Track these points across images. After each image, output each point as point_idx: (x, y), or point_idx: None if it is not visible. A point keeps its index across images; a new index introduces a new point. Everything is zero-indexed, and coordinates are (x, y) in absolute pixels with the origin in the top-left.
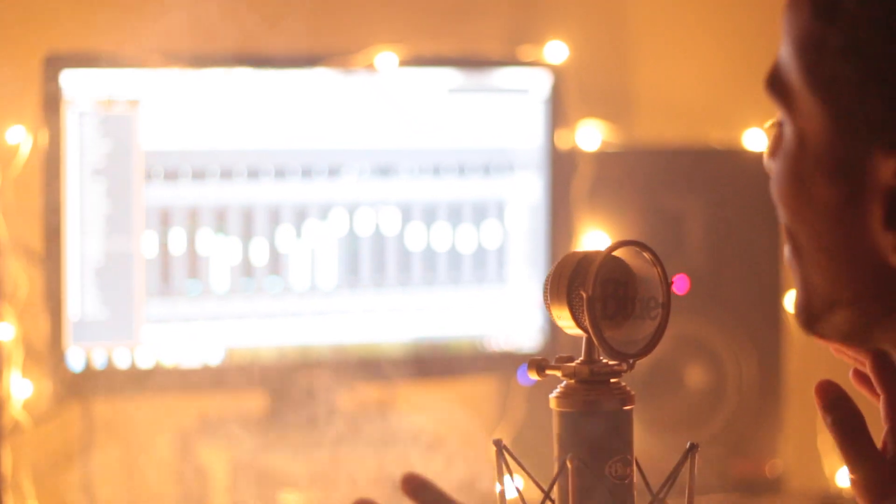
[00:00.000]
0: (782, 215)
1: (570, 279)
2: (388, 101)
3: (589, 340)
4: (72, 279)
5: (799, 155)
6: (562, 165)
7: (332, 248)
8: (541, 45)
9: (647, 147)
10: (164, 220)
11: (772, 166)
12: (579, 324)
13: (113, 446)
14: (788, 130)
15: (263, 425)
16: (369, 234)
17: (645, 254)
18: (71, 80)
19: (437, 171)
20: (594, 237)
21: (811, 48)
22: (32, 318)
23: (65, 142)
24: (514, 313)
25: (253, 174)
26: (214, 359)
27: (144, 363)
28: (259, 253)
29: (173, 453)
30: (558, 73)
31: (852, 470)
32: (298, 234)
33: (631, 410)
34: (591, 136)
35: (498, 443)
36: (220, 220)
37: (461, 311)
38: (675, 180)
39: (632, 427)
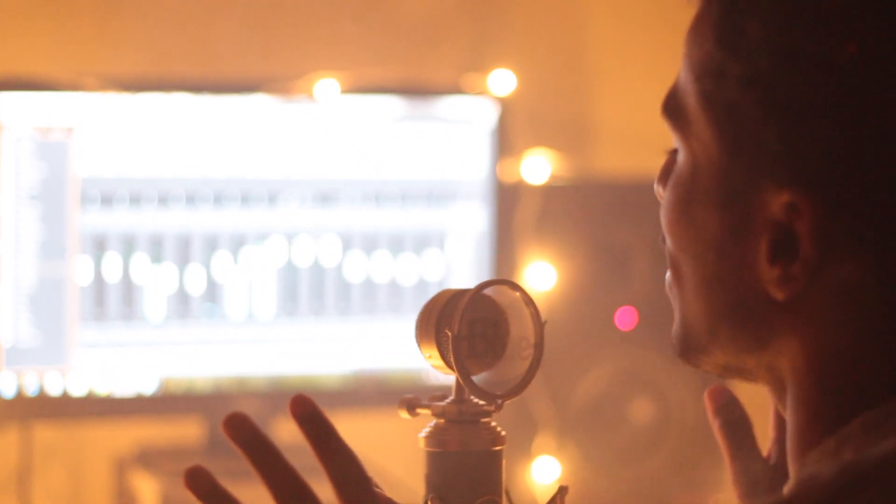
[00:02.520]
0: (668, 243)
1: (438, 318)
2: (330, 128)
3: (459, 380)
4: (4, 304)
5: (690, 183)
6: (507, 197)
7: (271, 277)
8: (489, 74)
9: (595, 179)
10: (100, 247)
11: (661, 192)
12: (447, 363)
13: (45, 473)
14: (681, 157)
15: (199, 455)
16: (308, 264)
17: (517, 293)
18: (6, 103)
19: (378, 200)
20: (539, 269)
21: (711, 75)
22: None
23: (0, 166)
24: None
25: (190, 201)
26: (150, 387)
27: (77, 390)
28: (195, 281)
29: (108, 481)
30: (506, 102)
31: (731, 467)
32: (236, 263)
33: (500, 451)
34: (538, 167)
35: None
36: (156, 248)
37: (401, 342)
38: (623, 213)
39: (501, 467)
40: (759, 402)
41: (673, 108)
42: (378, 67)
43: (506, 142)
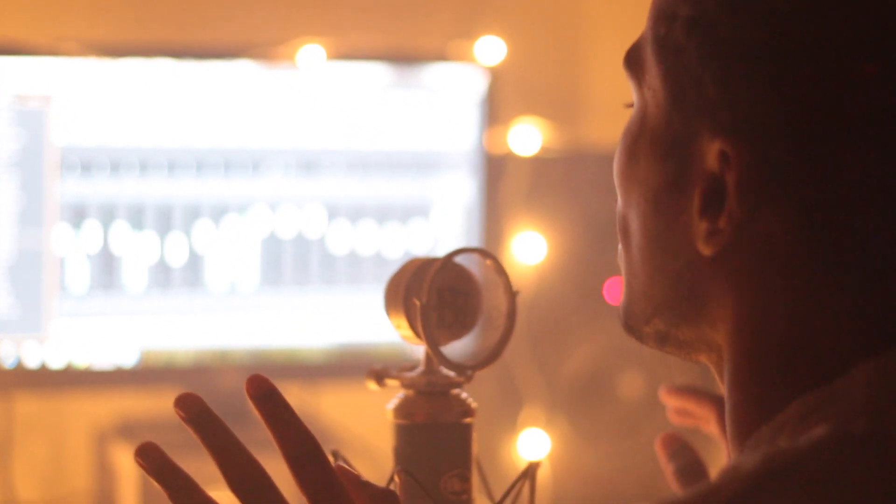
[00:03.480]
0: (619, 200)
1: (407, 286)
2: (315, 95)
3: (428, 350)
4: None
5: (638, 131)
6: (495, 168)
7: (254, 247)
8: (477, 41)
9: (586, 150)
10: (79, 216)
11: None
12: (416, 333)
13: (25, 445)
14: (634, 107)
15: (180, 428)
16: (292, 234)
17: (488, 262)
18: None
19: (364, 169)
20: (528, 241)
21: (665, 18)
22: None
23: None
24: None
25: (171, 169)
26: (130, 359)
27: (56, 361)
28: (176, 251)
29: (88, 453)
30: (494, 70)
31: None
32: (218, 233)
33: (470, 424)
34: (528, 137)
35: (335, 454)
36: (137, 217)
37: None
38: (614, 185)
39: (471, 440)
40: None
41: (632, 58)
42: (364, 33)
43: (494, 111)
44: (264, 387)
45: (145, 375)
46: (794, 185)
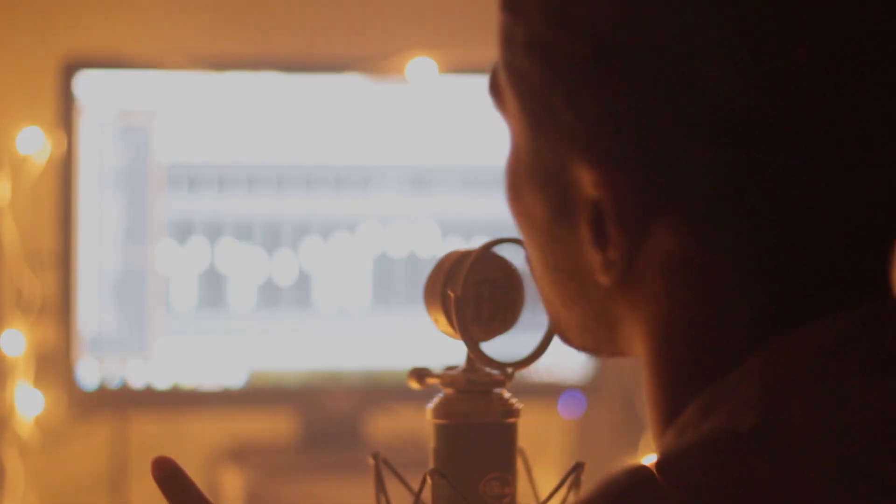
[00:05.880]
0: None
1: (445, 278)
2: (427, 109)
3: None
4: (86, 291)
5: (514, 165)
6: None
7: (364, 265)
8: None
9: None
10: (185, 233)
11: None
12: (452, 327)
13: (142, 468)
14: (509, 140)
15: (291, 451)
16: (404, 252)
17: None
18: (89, 83)
19: (477, 186)
20: None
21: (505, 42)
22: (47, 329)
23: (81, 149)
24: (558, 342)
25: (279, 185)
26: (238, 380)
27: (162, 383)
28: (285, 269)
29: (199, 476)
30: None
31: None
32: (328, 251)
33: (513, 425)
34: None
35: (376, 455)
36: (244, 234)
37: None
38: None
39: (514, 442)
40: None
41: (492, 85)
42: (476, 46)
43: None
44: (168, 468)
45: (254, 397)
46: (677, 197)
